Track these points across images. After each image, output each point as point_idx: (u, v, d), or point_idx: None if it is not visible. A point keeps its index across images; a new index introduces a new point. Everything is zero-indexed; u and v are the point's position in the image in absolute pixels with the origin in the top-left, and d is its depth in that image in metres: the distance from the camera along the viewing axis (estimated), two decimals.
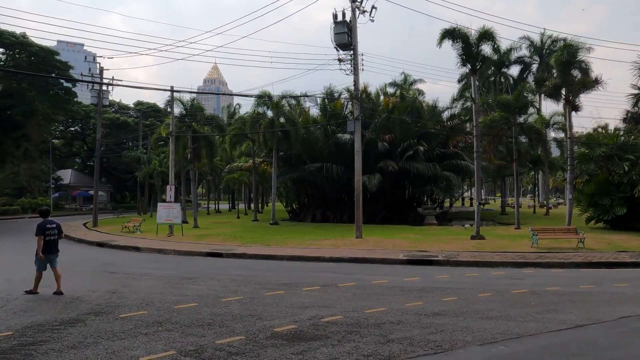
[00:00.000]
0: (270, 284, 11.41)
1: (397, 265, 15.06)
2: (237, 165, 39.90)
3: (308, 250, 17.80)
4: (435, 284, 11.49)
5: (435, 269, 14.13)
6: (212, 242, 21.07)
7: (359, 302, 9.28)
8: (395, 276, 12.72)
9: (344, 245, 19.09)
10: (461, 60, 20.78)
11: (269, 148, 31.33)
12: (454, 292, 10.39)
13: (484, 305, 9.03)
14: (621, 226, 24.38)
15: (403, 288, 10.82)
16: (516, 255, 15.90)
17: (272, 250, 18.25)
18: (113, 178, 72.92)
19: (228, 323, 7.67)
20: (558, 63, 20.98)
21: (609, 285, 11.34)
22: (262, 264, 15.75)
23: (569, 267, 14.39)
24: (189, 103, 28.80)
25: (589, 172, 25.51)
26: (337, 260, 16.01)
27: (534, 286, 11.14)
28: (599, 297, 9.85)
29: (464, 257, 15.78)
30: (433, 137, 33.61)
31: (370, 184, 29.23)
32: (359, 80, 21.09)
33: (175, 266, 15.18)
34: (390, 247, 18.47)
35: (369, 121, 32.95)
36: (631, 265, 14.53)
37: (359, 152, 21.43)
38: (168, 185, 24.84)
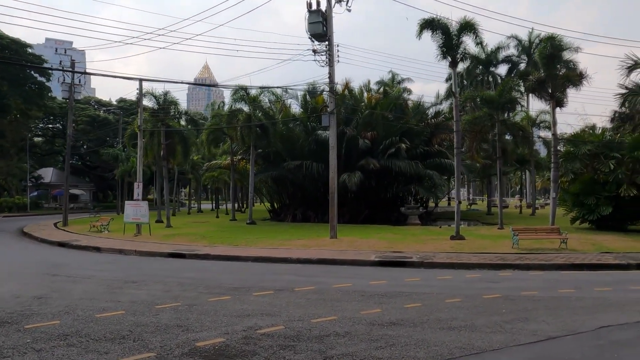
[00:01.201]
0: (220, 288, 10.34)
1: (367, 267, 14.06)
2: (216, 163, 38.70)
3: (276, 251, 16.75)
4: (402, 288, 10.49)
5: (406, 271, 13.15)
6: (178, 243, 19.94)
7: (309, 310, 8.25)
8: (360, 279, 11.71)
9: (316, 246, 18.06)
10: (441, 52, 19.85)
11: (247, 145, 30.19)
12: (420, 297, 9.40)
13: (449, 313, 8.04)
14: (607, 226, 23.63)
15: (365, 293, 9.81)
16: (495, 257, 14.97)
17: (238, 250, 17.18)
18: (95, 177, 71.32)
19: (146, 336, 6.59)
20: (542, 56, 20.14)
21: (589, 289, 10.42)
22: (223, 265, 14.67)
23: (549, 269, 13.48)
24: (162, 97, 27.58)
25: (574, 171, 24.72)
26: (305, 262, 14.98)
27: (508, 290, 10.18)
28: (577, 303, 8.91)
29: (439, 258, 14.82)
30: (417, 135, 32.70)
31: (351, 183, 28.25)
32: (334, 73, 20.08)
33: (127, 268, 14.06)
34: (364, 247, 17.47)
35: (350, 118, 31.99)
36: (615, 268, 13.66)
37: (334, 147, 20.43)
38: (135, 182, 23.64)
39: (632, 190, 21.93)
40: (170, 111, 27.97)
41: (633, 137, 23.61)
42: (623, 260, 14.09)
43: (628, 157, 22.96)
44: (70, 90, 31.16)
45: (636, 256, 14.88)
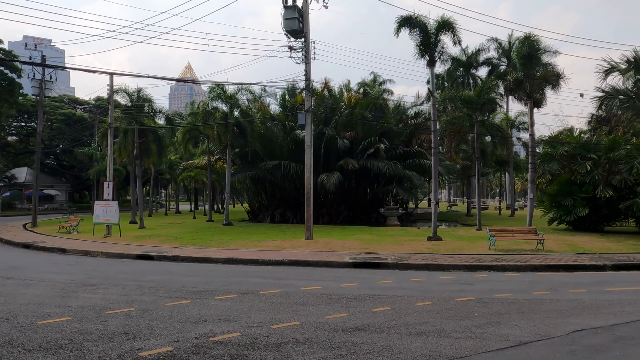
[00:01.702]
0: (182, 292, 9.79)
1: (340, 269, 13.64)
2: (193, 163, 37.90)
3: (248, 253, 16.22)
4: (373, 290, 10.09)
5: (380, 273, 12.75)
6: (148, 244, 19.25)
7: (272, 315, 7.77)
8: (331, 281, 11.28)
9: (290, 247, 17.58)
10: (419, 51, 19.58)
11: (224, 144, 29.54)
12: (390, 300, 9.00)
13: (418, 317, 7.65)
14: (584, 227, 23.65)
15: (333, 296, 9.37)
16: (470, 258, 14.70)
17: (209, 252, 16.59)
18: (72, 177, 69.60)
19: (86, 345, 6.04)
20: (520, 56, 20.03)
21: (564, 291, 10.16)
22: (190, 267, 14.09)
23: (525, 271, 13.25)
24: (135, 94, 26.76)
25: (552, 172, 24.70)
26: (277, 264, 14.49)
27: (482, 293, 9.86)
28: (551, 306, 8.61)
29: (415, 259, 14.48)
30: (396, 136, 32.48)
31: (329, 183, 27.84)
32: (310, 70, 19.65)
33: (89, 270, 13.38)
34: (339, 248, 17.06)
35: (330, 118, 31.61)
36: (590, 269, 13.49)
37: (310, 147, 19.99)
38: (105, 182, 22.83)
39: (608, 191, 21.96)
40: (144, 109, 27.15)
41: (609, 139, 23.69)
42: (599, 262, 13.94)
43: (604, 159, 23.01)
44: (40, 86, 30.11)
45: (612, 257, 14.76)
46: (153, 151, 28.78)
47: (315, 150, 31.65)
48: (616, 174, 22.10)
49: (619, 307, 8.51)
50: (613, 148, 22.81)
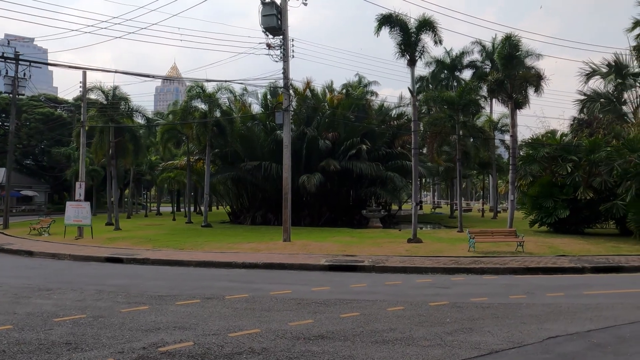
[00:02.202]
0: (143, 297, 9.26)
1: (315, 272, 13.20)
2: (173, 163, 37.15)
3: (222, 255, 15.70)
4: (345, 295, 9.67)
5: (355, 277, 12.35)
6: (120, 246, 18.60)
7: (232, 321, 7.30)
8: (303, 285, 10.84)
9: (266, 250, 17.10)
10: (399, 50, 19.30)
11: (203, 144, 28.93)
12: (361, 305, 8.59)
13: (387, 324, 7.25)
14: (564, 229, 23.59)
15: (302, 301, 8.93)
16: (449, 260, 14.38)
17: (182, 255, 16.03)
18: (51, 178, 68.04)
19: (20, 357, 5.52)
20: (501, 57, 19.87)
21: (542, 294, 9.86)
22: (160, 270, 13.53)
23: (503, 274, 12.96)
24: (111, 92, 26.01)
25: (533, 174, 24.62)
26: (250, 267, 14.00)
27: (457, 297, 9.51)
28: (527, 311, 8.28)
29: (392, 262, 14.11)
30: (379, 137, 32.18)
31: (310, 184, 27.41)
32: (289, 68, 19.21)
33: (51, 274, 12.76)
34: (316, 251, 16.62)
35: (312, 118, 31.21)
36: (569, 271, 13.26)
37: (287, 146, 19.54)
38: (77, 182, 22.08)
39: (589, 193, 21.90)
40: (121, 107, 26.41)
41: (590, 141, 23.67)
42: (578, 264, 13.73)
43: (585, 160, 22.98)
44: (13, 84, 29.21)
45: (591, 259, 14.57)
46: (129, 151, 28.05)
47: (297, 151, 31.29)
48: (597, 176, 22.06)
49: (596, 312, 8.21)
50: (593, 150, 22.79)
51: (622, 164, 20.44)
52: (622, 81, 31.82)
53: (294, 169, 31.69)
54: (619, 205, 20.43)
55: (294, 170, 31.70)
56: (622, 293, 10.09)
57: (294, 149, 31.42)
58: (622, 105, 33.23)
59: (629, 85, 32.19)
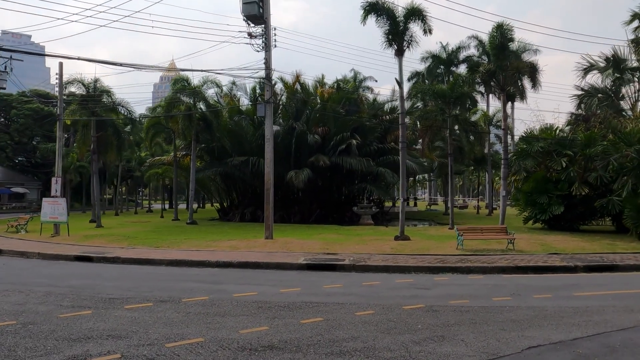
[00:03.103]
0: (92, 299, 8.50)
1: (291, 272, 12.45)
2: (160, 159, 36.33)
3: (197, 254, 14.94)
4: (315, 297, 8.92)
5: (332, 276, 11.59)
6: (95, 244, 17.83)
7: (177, 329, 6.54)
8: (272, 286, 10.08)
9: (245, 248, 16.34)
10: (387, 40, 18.49)
11: (189, 139, 28.14)
12: (328, 309, 7.84)
13: (350, 331, 6.50)
14: (559, 226, 22.84)
15: (265, 304, 8.18)
16: (435, 259, 13.63)
17: (155, 253, 15.27)
18: (43, 174, 67.17)
19: None
20: (492, 46, 19.07)
21: (528, 296, 9.11)
22: (126, 270, 12.78)
23: (491, 273, 12.21)
24: (92, 85, 25.18)
25: (527, 169, 23.85)
26: (224, 265, 13.25)
27: (436, 299, 8.76)
28: (510, 315, 7.53)
29: (374, 260, 13.37)
30: (370, 132, 31.39)
31: (298, 180, 26.67)
32: (271, 58, 18.41)
33: (6, 274, 12.00)
34: (297, 249, 15.86)
35: (301, 112, 30.44)
36: (561, 270, 12.53)
37: (269, 140, 18.77)
38: (54, 177, 21.29)
39: (584, 189, 21.16)
40: (103, 100, 25.58)
41: (585, 135, 22.89)
42: (570, 262, 12.99)
43: (580, 155, 22.22)
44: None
45: (584, 258, 13.84)
46: (113, 146, 27.24)
47: (286, 147, 30.56)
48: (592, 171, 21.30)
49: (585, 317, 7.47)
50: (589, 144, 22.03)
51: (618, 158, 19.68)
52: (620, 76, 31.03)
53: (284, 164, 31.07)
54: (615, 201, 19.68)
55: (283, 166, 31.10)
56: (615, 294, 9.35)
57: (284, 144, 30.78)
58: (620, 101, 32.48)
59: (627, 80, 31.38)
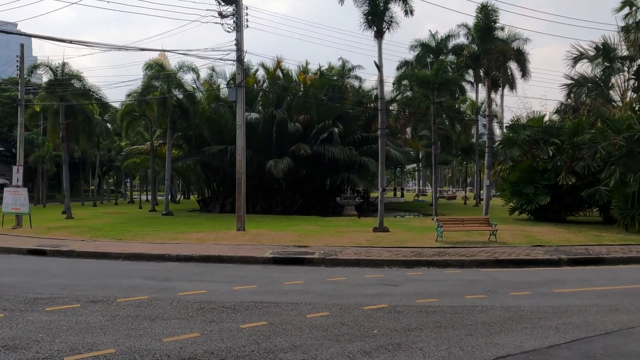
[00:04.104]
0: (13, 300, 7.54)
1: (254, 266, 11.56)
2: (137, 148, 35.13)
3: (159, 247, 13.99)
4: (268, 295, 8.03)
5: (297, 271, 10.72)
6: (55, 236, 16.79)
7: (91, 337, 5.62)
8: (227, 283, 9.19)
9: (213, 240, 15.42)
10: (366, 21, 17.51)
11: (165, 127, 27.02)
12: (276, 310, 6.96)
13: (294, 338, 5.62)
14: (545, 217, 22.17)
15: (208, 305, 7.28)
16: (411, 252, 12.80)
17: (115, 246, 14.28)
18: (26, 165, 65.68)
19: None
20: (477, 29, 18.15)
21: (505, 293, 8.30)
22: (76, 264, 11.82)
23: (469, 267, 11.41)
24: (60, 69, 23.92)
25: (513, 158, 23.09)
26: (185, 259, 12.32)
27: (402, 298, 7.91)
28: (481, 317, 6.70)
29: (347, 254, 12.51)
30: (354, 120, 30.42)
31: (277, 170, 25.72)
32: (242, 39, 17.35)
33: None
34: (268, 241, 14.96)
35: (283, 99, 29.41)
36: (544, 264, 11.76)
37: (241, 126, 17.78)
38: (15, 166, 20.15)
39: (571, 178, 20.43)
40: (74, 85, 24.31)
41: (573, 123, 22.15)
42: (554, 255, 12.23)
43: (567, 144, 21.48)
44: None
45: (569, 250, 13.09)
46: (85, 133, 26.01)
47: (267, 135, 29.54)
48: (579, 160, 20.57)
49: (564, 318, 6.66)
50: (577, 132, 21.29)
51: (606, 146, 18.94)
52: (609, 65, 30.38)
53: (265, 153, 30.07)
54: (602, 191, 18.97)
55: (264, 155, 30.11)
56: (599, 291, 8.56)
57: (265, 132, 29.75)
58: (609, 90, 31.85)
59: (616, 69, 30.74)
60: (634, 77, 30.18)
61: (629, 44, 28.90)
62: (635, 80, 30.09)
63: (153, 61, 25.51)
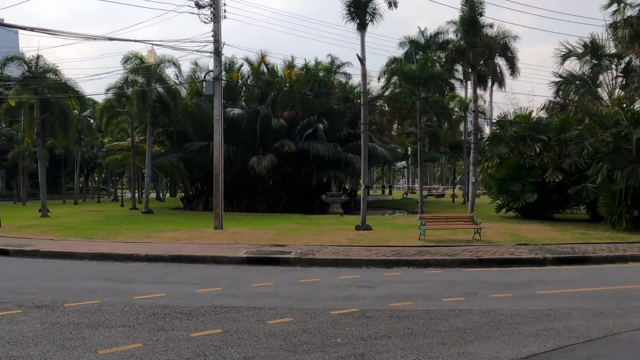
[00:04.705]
0: None
1: (226, 266, 10.99)
2: (118, 145, 34.29)
3: (129, 246, 13.35)
4: (231, 299, 7.48)
5: (270, 272, 10.16)
6: (23, 235, 16.06)
7: (16, 350, 5.05)
8: (191, 285, 8.60)
9: (187, 239, 14.81)
10: (348, 12, 16.95)
11: (145, 123, 26.29)
12: (236, 317, 6.40)
13: (246, 349, 5.07)
14: (532, 215, 21.79)
15: (162, 310, 6.70)
16: (391, 251, 12.29)
17: (82, 245, 13.62)
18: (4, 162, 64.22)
19: None
20: (462, 22, 17.68)
21: (485, 295, 7.82)
22: (36, 265, 11.19)
23: (450, 267, 10.93)
24: (33, 62, 23.08)
25: (500, 155, 22.70)
26: (154, 259, 11.71)
27: (375, 301, 7.40)
28: (456, 322, 6.20)
29: (324, 253, 11.98)
30: (339, 116, 29.84)
31: (260, 167, 25.13)
32: (220, 30, 16.72)
33: None
34: (244, 240, 14.39)
35: (266, 95, 28.80)
36: (528, 263, 11.32)
37: (218, 120, 17.20)
38: None
39: (558, 175, 20.06)
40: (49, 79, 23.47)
41: (560, 119, 21.80)
42: (539, 254, 11.80)
43: (555, 140, 21.13)
44: None
45: (554, 249, 12.67)
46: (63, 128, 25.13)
47: (252, 131, 28.90)
48: (567, 157, 20.23)
49: (546, 323, 6.18)
50: (564, 129, 20.93)
51: (593, 143, 18.57)
52: (597, 62, 30.19)
53: (250, 150, 29.43)
54: (589, 188, 18.61)
55: (249, 151, 29.46)
56: (584, 292, 8.11)
57: (249, 128, 29.09)
58: (597, 88, 31.68)
59: (604, 66, 30.56)
60: (622, 75, 30.02)
61: (617, 41, 28.63)
62: (623, 78, 29.92)
63: (132, 54, 24.73)
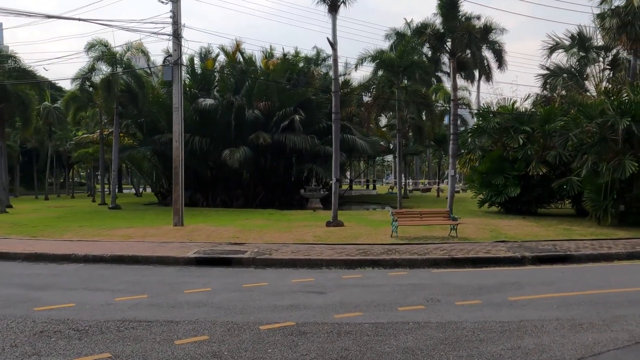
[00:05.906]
0: None
1: (170, 268, 9.85)
2: (87, 137, 32.81)
3: (72, 245, 12.15)
4: (149, 310, 6.35)
5: (216, 274, 9.06)
6: None
7: None
8: (114, 292, 7.46)
9: (140, 237, 13.64)
10: None
11: (112, 114, 24.94)
12: (142, 334, 5.29)
13: None
14: (516, 209, 20.91)
15: (54, 327, 5.58)
16: (357, 250, 11.23)
17: (19, 244, 12.39)
18: None
19: None
20: (441, 5, 16.60)
21: (449, 303, 6.79)
22: None
23: (420, 267, 9.90)
24: None
25: (483, 147, 21.76)
26: (94, 260, 10.54)
27: (320, 311, 6.32)
28: (406, 340, 5.14)
29: (283, 252, 10.89)
30: (319, 107, 28.70)
31: (232, 160, 23.96)
32: (179, 11, 15.49)
33: None
34: (201, 238, 13.25)
35: (240, 85, 27.56)
36: (505, 262, 10.34)
37: (178, 109, 16.03)
38: None
39: (542, 168, 19.16)
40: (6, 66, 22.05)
41: (545, 109, 20.88)
42: (517, 253, 10.82)
43: (539, 132, 20.22)
44: None
45: (534, 247, 11.72)
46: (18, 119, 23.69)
47: (227, 123, 27.69)
48: (551, 149, 19.29)
49: (513, 340, 5.15)
50: (549, 120, 20.02)
51: (578, 134, 17.63)
52: (585, 55, 29.44)
53: (225, 142, 28.22)
54: (574, 182, 17.69)
55: (224, 144, 28.23)
56: (562, 298, 7.10)
57: (224, 120, 27.86)
58: (584, 81, 30.97)
59: (592, 59, 29.82)
60: (609, 68, 29.31)
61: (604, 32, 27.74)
62: (610, 70, 29.22)
63: (96, 41, 23.34)
